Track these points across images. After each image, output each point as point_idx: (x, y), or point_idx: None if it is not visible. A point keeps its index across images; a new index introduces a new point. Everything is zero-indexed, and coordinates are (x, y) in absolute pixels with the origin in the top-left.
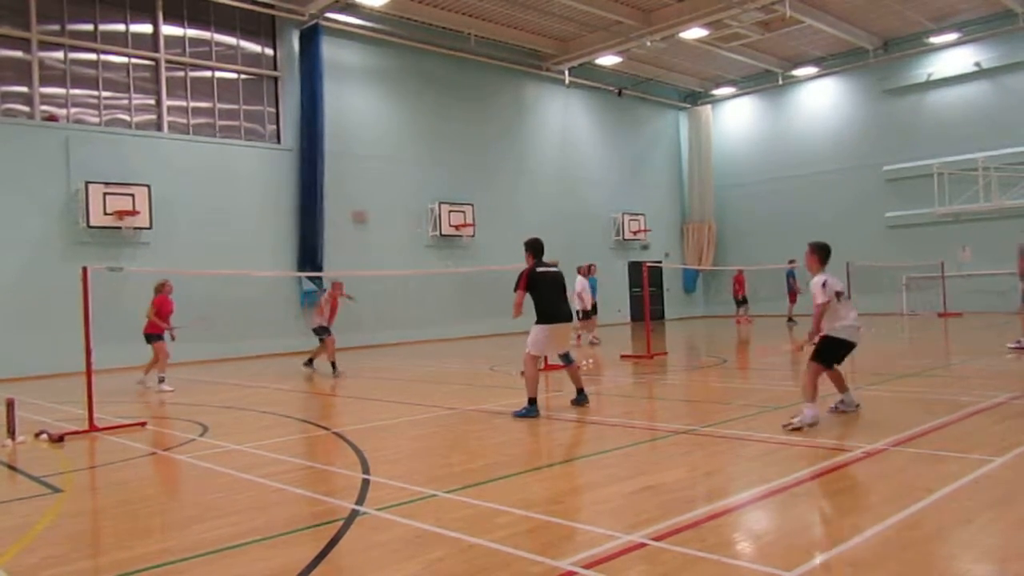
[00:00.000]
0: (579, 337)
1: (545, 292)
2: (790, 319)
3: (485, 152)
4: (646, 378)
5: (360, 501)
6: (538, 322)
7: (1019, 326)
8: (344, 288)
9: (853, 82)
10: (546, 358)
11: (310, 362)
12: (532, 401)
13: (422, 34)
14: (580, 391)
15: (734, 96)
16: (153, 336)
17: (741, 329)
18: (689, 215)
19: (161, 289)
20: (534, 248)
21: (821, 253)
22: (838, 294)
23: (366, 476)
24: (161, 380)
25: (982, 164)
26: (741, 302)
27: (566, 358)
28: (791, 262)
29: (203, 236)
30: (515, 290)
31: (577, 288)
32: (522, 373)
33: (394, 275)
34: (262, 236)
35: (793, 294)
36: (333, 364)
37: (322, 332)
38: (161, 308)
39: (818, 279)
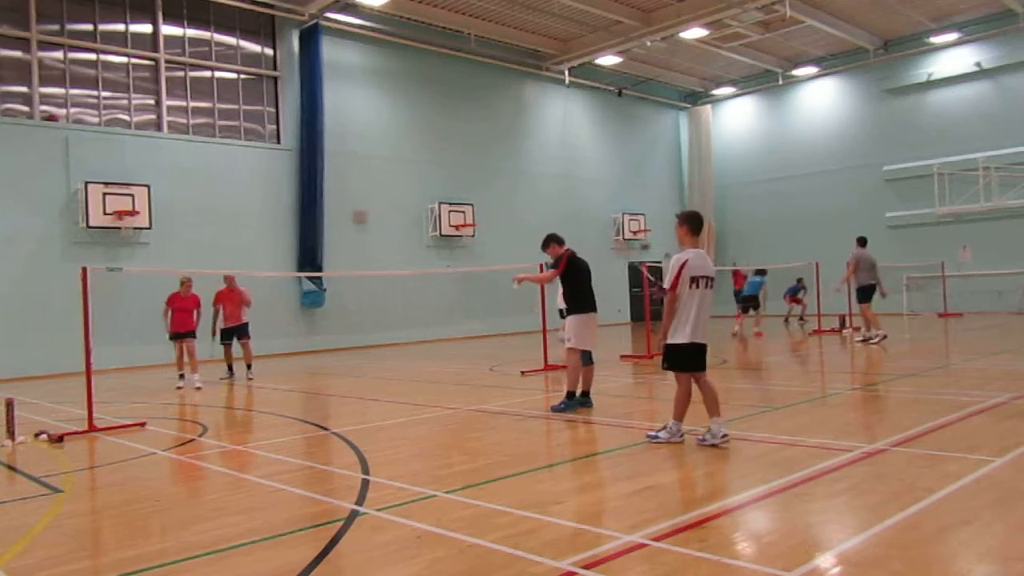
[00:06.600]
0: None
1: (585, 279)
2: (801, 318)
3: (485, 152)
4: (646, 378)
5: (360, 501)
6: (578, 312)
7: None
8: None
9: (853, 82)
10: (546, 357)
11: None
12: (571, 395)
13: (422, 34)
14: (586, 393)
15: (734, 96)
16: (177, 334)
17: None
18: None
19: (182, 285)
20: (558, 239)
21: (693, 223)
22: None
23: (366, 476)
24: (181, 376)
25: (982, 164)
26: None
27: (589, 356)
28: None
29: (203, 236)
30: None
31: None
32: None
33: (394, 275)
34: (262, 236)
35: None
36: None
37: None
38: (169, 302)
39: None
